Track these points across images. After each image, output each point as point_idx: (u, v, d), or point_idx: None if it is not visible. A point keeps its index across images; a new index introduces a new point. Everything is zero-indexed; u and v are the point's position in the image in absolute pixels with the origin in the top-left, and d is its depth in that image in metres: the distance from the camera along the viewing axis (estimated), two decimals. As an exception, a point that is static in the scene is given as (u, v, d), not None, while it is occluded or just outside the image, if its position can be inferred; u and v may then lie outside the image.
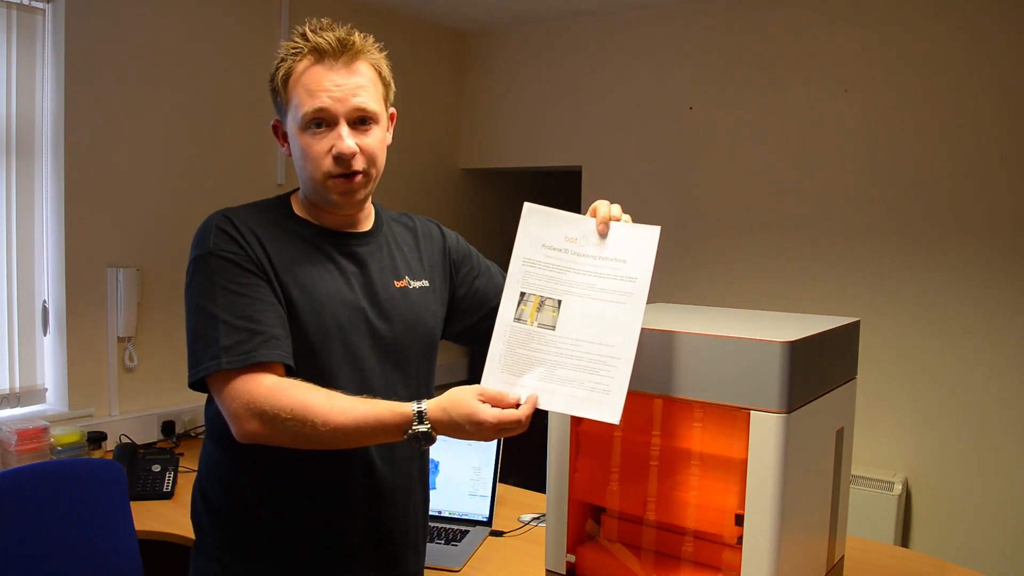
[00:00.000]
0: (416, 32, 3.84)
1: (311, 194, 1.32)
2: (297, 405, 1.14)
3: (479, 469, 2.17)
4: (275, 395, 1.14)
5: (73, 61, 2.56)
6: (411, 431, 1.14)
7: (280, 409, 1.14)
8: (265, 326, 1.19)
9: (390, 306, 1.33)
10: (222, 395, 1.18)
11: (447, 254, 1.48)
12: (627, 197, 3.71)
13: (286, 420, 1.13)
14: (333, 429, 1.14)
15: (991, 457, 2.87)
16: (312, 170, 1.26)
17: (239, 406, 1.15)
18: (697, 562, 1.24)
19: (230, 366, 1.16)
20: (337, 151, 1.24)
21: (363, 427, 1.14)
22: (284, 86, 1.27)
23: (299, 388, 1.16)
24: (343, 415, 1.14)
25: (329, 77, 1.24)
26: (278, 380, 1.17)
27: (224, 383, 1.17)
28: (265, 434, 1.16)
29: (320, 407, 1.14)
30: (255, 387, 1.15)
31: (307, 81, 1.24)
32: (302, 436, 1.15)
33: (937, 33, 2.91)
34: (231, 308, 1.19)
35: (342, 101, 1.24)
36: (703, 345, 1.16)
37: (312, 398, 1.15)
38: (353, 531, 1.31)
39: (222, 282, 1.20)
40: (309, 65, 1.25)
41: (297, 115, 1.25)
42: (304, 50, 1.25)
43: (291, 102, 1.26)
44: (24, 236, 2.58)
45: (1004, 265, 2.82)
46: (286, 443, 1.17)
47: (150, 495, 2.28)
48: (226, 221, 1.25)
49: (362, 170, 1.27)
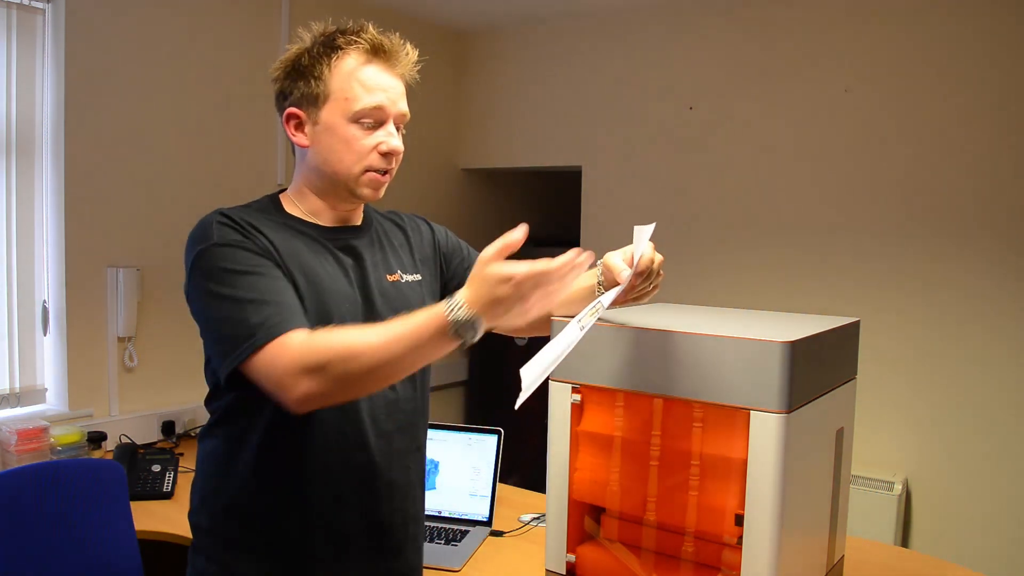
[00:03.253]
0: (416, 32, 3.81)
1: (328, 186, 1.32)
2: (335, 343, 1.10)
3: (479, 469, 2.17)
4: (312, 346, 1.11)
5: (73, 61, 2.56)
6: (451, 320, 1.07)
7: (322, 355, 1.10)
8: (288, 299, 1.19)
9: (385, 300, 1.34)
10: (263, 372, 1.13)
11: (437, 248, 1.51)
12: (627, 197, 3.75)
13: (331, 361, 1.09)
14: (377, 350, 1.09)
15: (991, 457, 2.87)
16: (351, 162, 1.28)
17: (281, 372, 1.11)
18: (697, 562, 1.23)
19: (266, 340, 1.13)
20: (388, 147, 1.29)
21: (404, 339, 1.09)
22: (331, 74, 1.27)
23: (331, 333, 1.13)
24: (380, 337, 1.10)
25: (386, 77, 1.29)
26: (308, 333, 1.14)
27: (263, 360, 1.13)
28: (319, 389, 1.10)
29: (356, 337, 1.11)
30: (289, 348, 1.12)
31: (364, 77, 1.27)
32: (351, 373, 1.10)
33: (937, 33, 2.91)
34: (251, 287, 1.17)
35: (395, 103, 1.30)
36: (703, 345, 1.16)
37: (345, 334, 1.12)
38: (352, 526, 1.32)
39: (234, 266, 1.19)
40: (365, 61, 1.28)
41: (350, 107, 1.26)
42: (364, 45, 1.27)
43: (337, 92, 1.27)
44: (24, 236, 2.58)
45: (1004, 265, 2.82)
46: (340, 390, 1.13)
47: (150, 495, 2.28)
48: (224, 217, 1.25)
49: (392, 169, 1.32)
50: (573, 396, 1.29)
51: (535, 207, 4.68)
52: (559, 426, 1.31)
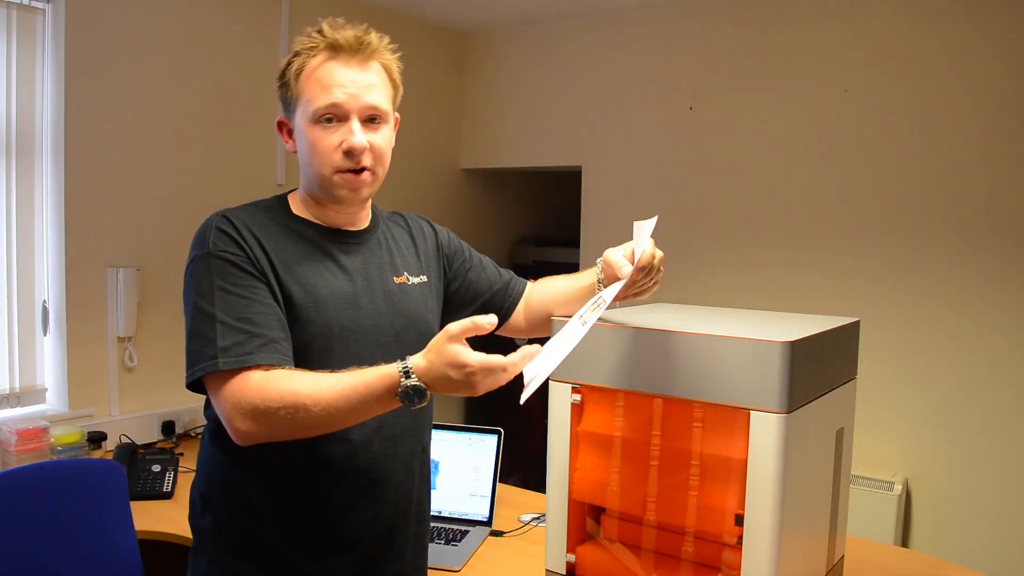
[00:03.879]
0: (416, 32, 3.84)
1: (316, 191, 1.31)
2: (286, 392, 1.11)
3: (479, 469, 2.17)
4: (264, 388, 1.12)
5: (73, 61, 2.56)
6: (400, 388, 1.08)
7: (271, 401, 1.11)
8: (263, 328, 1.18)
9: (391, 303, 1.34)
10: (217, 397, 1.16)
11: (440, 249, 1.50)
12: (627, 197, 3.75)
13: (278, 410, 1.11)
14: (326, 406, 1.10)
15: (992, 457, 2.87)
16: (320, 165, 1.26)
17: (230, 407, 1.14)
18: (697, 562, 1.23)
19: (227, 367, 1.14)
20: (348, 145, 1.25)
21: (353, 397, 1.10)
22: (296, 80, 1.26)
23: (285, 376, 1.14)
24: (332, 390, 1.11)
25: (344, 73, 1.25)
26: (265, 374, 1.14)
27: (219, 385, 1.15)
28: (260, 431, 1.14)
29: (308, 388, 1.11)
30: (245, 386, 1.13)
31: (321, 76, 1.24)
32: (298, 423, 1.11)
33: (938, 33, 2.91)
34: (229, 309, 1.18)
35: (355, 98, 1.25)
36: (703, 345, 1.16)
37: (299, 382, 1.12)
38: (358, 529, 1.31)
39: (220, 283, 1.19)
40: (324, 60, 1.25)
41: (308, 109, 1.25)
42: (320, 45, 1.25)
43: (302, 96, 1.26)
44: (24, 236, 2.58)
45: (1005, 264, 2.82)
46: (285, 435, 1.15)
47: (150, 495, 2.28)
48: (226, 222, 1.24)
49: (369, 166, 1.28)
50: (573, 396, 1.29)
51: (535, 207, 4.68)
52: (559, 426, 1.31)
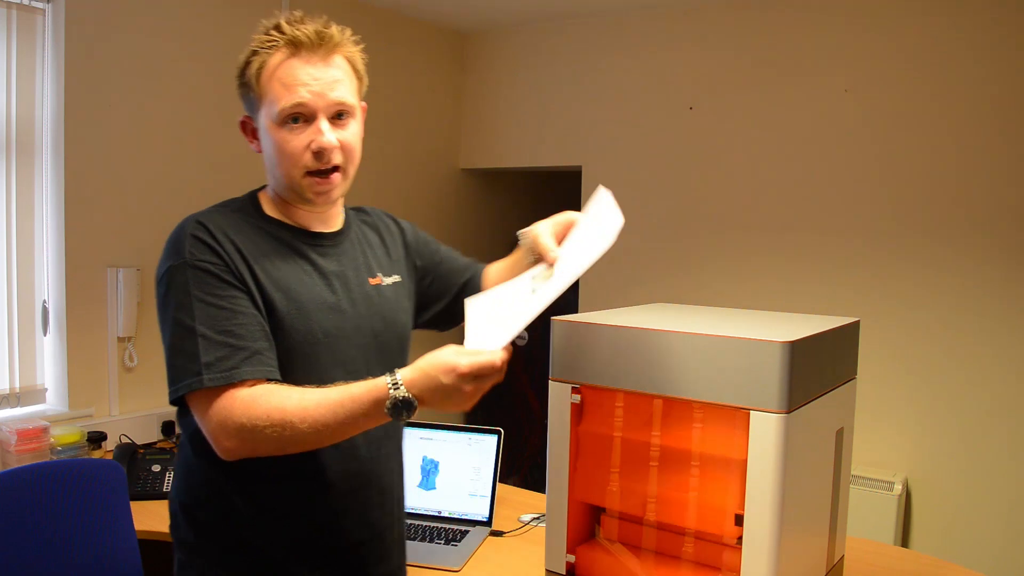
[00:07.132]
0: (416, 32, 3.84)
1: (285, 192, 1.28)
2: (273, 410, 1.09)
3: (479, 469, 2.17)
4: (250, 407, 1.10)
5: (73, 61, 2.56)
6: (389, 401, 1.07)
7: (257, 419, 1.09)
8: (247, 341, 1.14)
9: (369, 305, 1.32)
10: (201, 414, 1.13)
11: (407, 246, 1.48)
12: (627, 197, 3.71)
13: (265, 428, 1.09)
14: (313, 422, 1.09)
15: (991, 457, 2.87)
16: (289, 167, 1.22)
17: (216, 426, 1.11)
18: (697, 562, 1.23)
19: (212, 383, 1.11)
20: (317, 146, 1.21)
21: (340, 412, 1.09)
22: (257, 80, 1.21)
23: (272, 393, 1.12)
24: (319, 406, 1.09)
25: (306, 70, 1.20)
26: (251, 391, 1.12)
27: (204, 402, 1.12)
28: (246, 449, 1.12)
29: (295, 405, 1.09)
30: (231, 404, 1.11)
31: (283, 75, 1.20)
32: (285, 440, 1.10)
33: (938, 33, 2.91)
34: (210, 322, 1.14)
35: (321, 96, 1.20)
36: (703, 345, 1.16)
37: (286, 399, 1.10)
38: (348, 532, 1.30)
39: (199, 294, 1.15)
40: (284, 58, 1.20)
41: (273, 110, 1.21)
42: (279, 43, 1.20)
43: (265, 97, 1.21)
44: (24, 236, 2.58)
45: (1005, 265, 2.82)
46: (272, 452, 1.13)
47: (150, 495, 2.28)
48: (201, 228, 1.19)
49: (340, 164, 1.25)
50: (573, 396, 1.29)
51: (535, 207, 4.67)
52: (559, 426, 1.31)
